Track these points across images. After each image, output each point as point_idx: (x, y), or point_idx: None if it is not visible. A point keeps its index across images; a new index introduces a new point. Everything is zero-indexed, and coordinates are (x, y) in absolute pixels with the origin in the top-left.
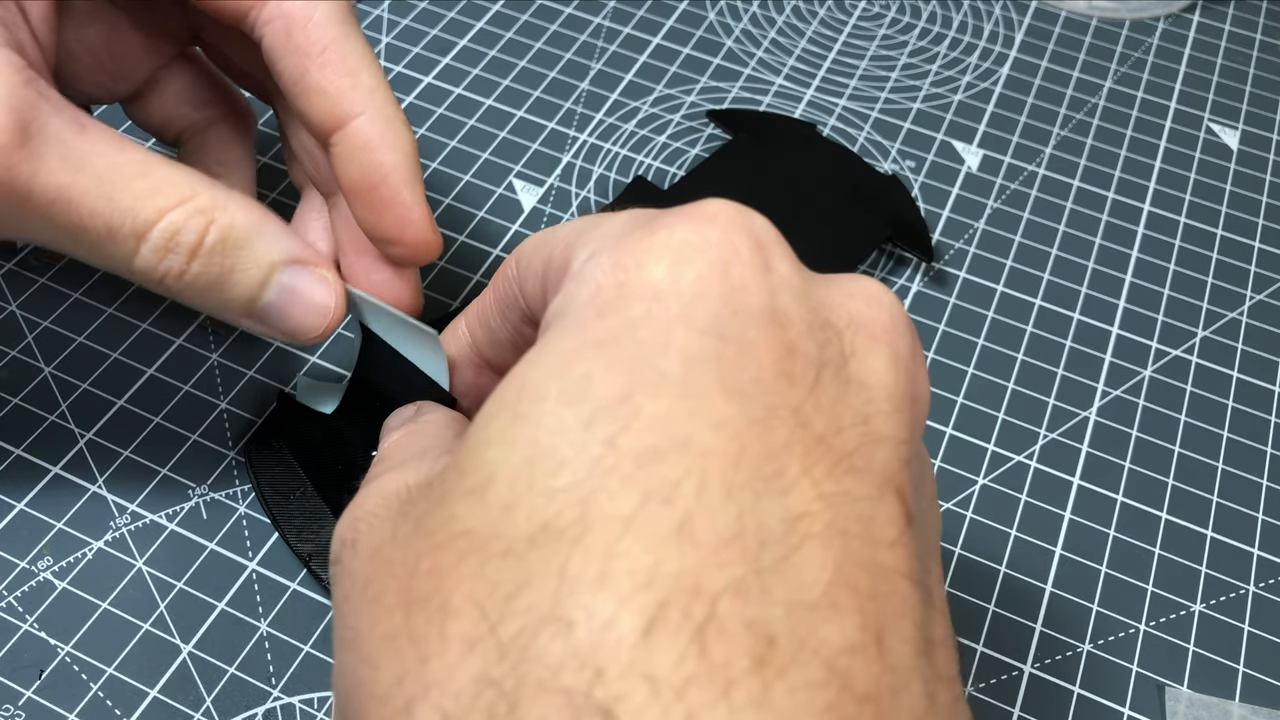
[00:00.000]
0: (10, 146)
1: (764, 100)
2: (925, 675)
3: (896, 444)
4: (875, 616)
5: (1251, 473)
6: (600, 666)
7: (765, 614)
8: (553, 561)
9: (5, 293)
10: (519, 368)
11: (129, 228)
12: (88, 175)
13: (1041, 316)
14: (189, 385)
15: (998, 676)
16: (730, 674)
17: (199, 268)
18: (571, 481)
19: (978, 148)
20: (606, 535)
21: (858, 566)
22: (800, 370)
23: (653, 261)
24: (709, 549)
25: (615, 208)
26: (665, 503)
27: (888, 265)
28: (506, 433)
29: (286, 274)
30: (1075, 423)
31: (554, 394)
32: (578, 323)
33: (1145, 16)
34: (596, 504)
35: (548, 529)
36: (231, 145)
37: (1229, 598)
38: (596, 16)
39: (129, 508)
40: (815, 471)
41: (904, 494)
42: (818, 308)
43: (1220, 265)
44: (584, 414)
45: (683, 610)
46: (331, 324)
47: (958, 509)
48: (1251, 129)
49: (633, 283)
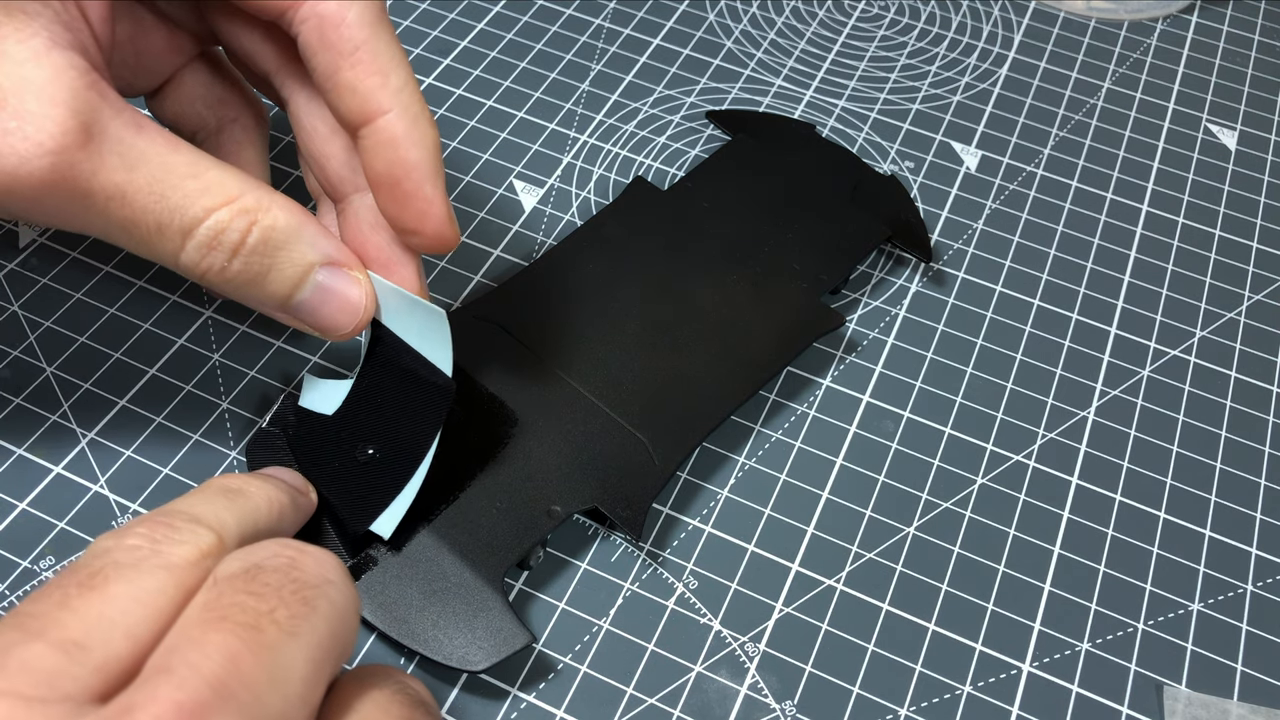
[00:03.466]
0: (73, 146)
1: (763, 101)
2: None
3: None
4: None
5: (1249, 472)
6: None
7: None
8: None
9: (7, 293)
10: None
11: (177, 225)
12: (142, 174)
13: (1040, 316)
14: (190, 385)
15: (996, 675)
16: None
17: (240, 265)
18: None
19: (976, 148)
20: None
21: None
22: None
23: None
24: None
25: (615, 208)
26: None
27: (887, 265)
28: None
29: (322, 274)
30: (1074, 422)
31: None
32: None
33: (1143, 17)
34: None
35: None
36: (246, 146)
37: (1227, 597)
38: (596, 18)
39: (131, 507)
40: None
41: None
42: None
43: (1218, 265)
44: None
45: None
46: (362, 322)
47: (957, 509)
48: (1249, 129)
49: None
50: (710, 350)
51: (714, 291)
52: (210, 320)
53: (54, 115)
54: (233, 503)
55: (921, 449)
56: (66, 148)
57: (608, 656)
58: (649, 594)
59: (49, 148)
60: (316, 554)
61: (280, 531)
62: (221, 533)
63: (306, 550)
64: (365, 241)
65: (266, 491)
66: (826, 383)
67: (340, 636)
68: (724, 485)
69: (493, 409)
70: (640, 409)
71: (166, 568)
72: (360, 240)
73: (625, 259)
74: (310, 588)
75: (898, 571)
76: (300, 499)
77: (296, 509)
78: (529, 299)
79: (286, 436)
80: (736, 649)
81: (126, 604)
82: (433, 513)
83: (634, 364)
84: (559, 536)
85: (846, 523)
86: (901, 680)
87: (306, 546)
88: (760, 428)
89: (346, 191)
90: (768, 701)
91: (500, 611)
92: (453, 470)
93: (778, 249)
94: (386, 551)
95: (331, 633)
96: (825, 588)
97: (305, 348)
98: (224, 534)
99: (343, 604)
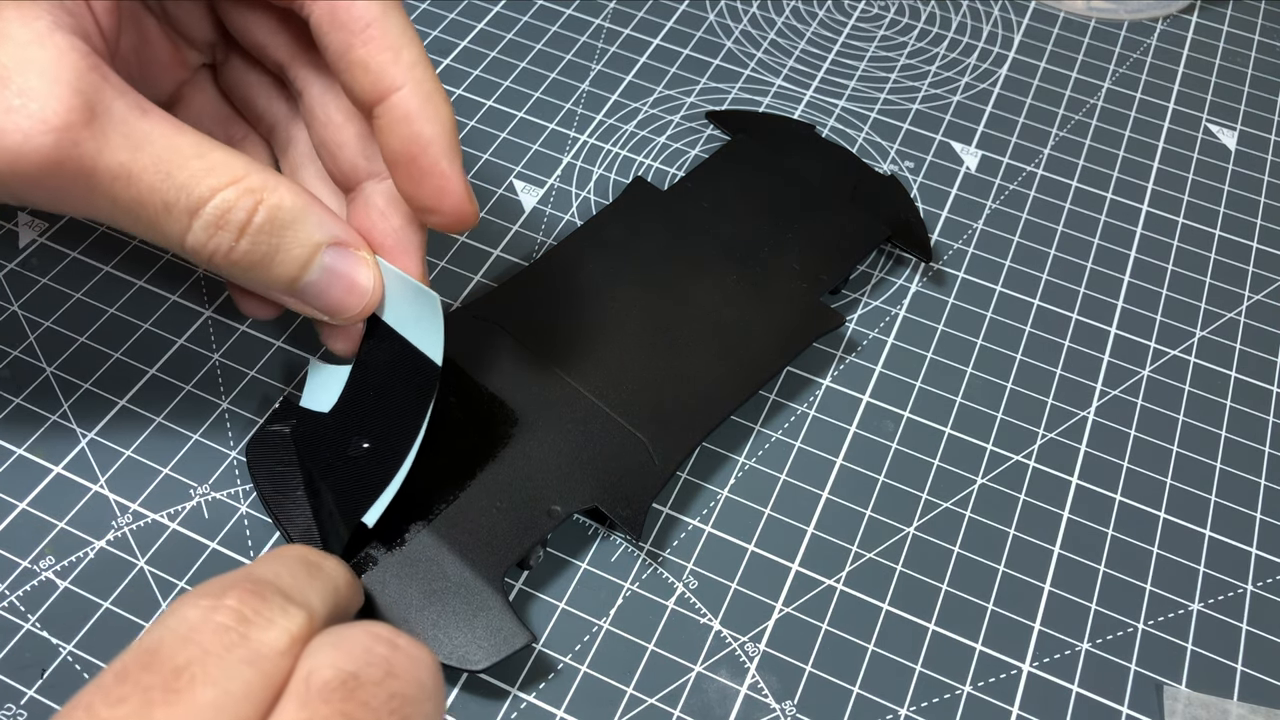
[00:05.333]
0: (78, 124)
1: (763, 101)
2: None
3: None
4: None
5: (1249, 472)
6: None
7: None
8: None
9: (7, 293)
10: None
11: (183, 204)
12: (147, 154)
13: (1040, 316)
14: (190, 385)
15: (996, 675)
16: None
17: (247, 245)
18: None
19: (976, 148)
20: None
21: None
22: None
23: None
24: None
25: (615, 208)
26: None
27: (887, 265)
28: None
29: (329, 255)
30: (1074, 422)
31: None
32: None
33: (1143, 17)
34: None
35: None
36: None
37: (1227, 597)
38: (596, 18)
39: (130, 507)
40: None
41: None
42: None
43: (1218, 265)
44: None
45: None
46: (369, 305)
47: (956, 508)
48: (1249, 129)
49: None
50: (710, 350)
51: (714, 291)
52: (210, 320)
53: (57, 93)
54: (314, 579)
55: (921, 449)
56: (71, 125)
57: (608, 656)
58: (649, 594)
59: (53, 124)
60: (410, 652)
61: (351, 611)
62: (311, 615)
63: (399, 647)
64: (373, 227)
65: (342, 572)
66: (826, 383)
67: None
68: (724, 485)
69: (493, 409)
70: (640, 409)
71: (254, 661)
72: (368, 226)
73: (625, 259)
74: (409, 705)
75: (898, 571)
76: (354, 594)
77: (355, 591)
78: (529, 299)
79: (286, 437)
80: (736, 649)
81: (212, 715)
82: (432, 513)
83: (634, 364)
84: (559, 536)
85: (846, 523)
86: (901, 680)
87: (399, 640)
88: (760, 428)
89: (359, 179)
90: (768, 701)
91: (500, 611)
92: (453, 470)
93: (778, 249)
94: (386, 551)
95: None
96: (825, 588)
97: (305, 348)
98: (313, 617)
99: (436, 716)
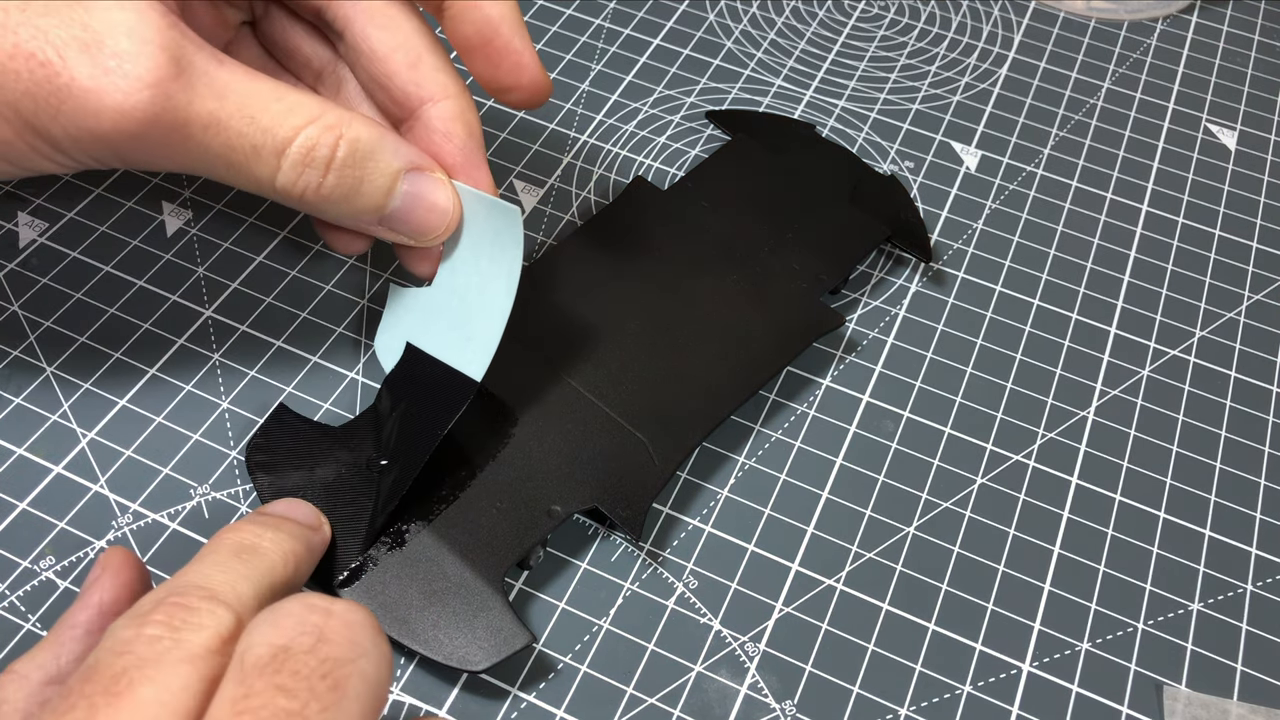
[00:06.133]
0: (168, 79)
1: (763, 101)
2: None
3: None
4: None
5: (1249, 472)
6: None
7: None
8: None
9: (7, 293)
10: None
11: (270, 145)
12: (232, 100)
13: (1040, 316)
14: (190, 385)
15: (996, 675)
16: None
17: (334, 180)
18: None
19: (976, 148)
20: None
21: None
22: None
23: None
24: None
25: (615, 208)
26: None
27: (887, 265)
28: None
29: (408, 180)
30: (1073, 422)
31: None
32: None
33: (1143, 17)
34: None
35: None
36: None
37: (1227, 597)
38: (596, 18)
39: (131, 507)
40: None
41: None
42: None
43: (1218, 265)
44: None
45: None
46: (451, 222)
47: (956, 508)
48: (1249, 129)
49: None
50: (710, 350)
51: (714, 291)
52: (210, 320)
53: (147, 51)
54: (247, 565)
55: (921, 449)
56: (162, 80)
57: (608, 656)
58: (649, 594)
59: (148, 80)
60: (344, 615)
61: (298, 583)
62: (240, 610)
63: (333, 612)
64: (439, 149)
65: (280, 546)
66: (826, 383)
67: (375, 702)
68: (724, 485)
69: (492, 409)
70: (640, 409)
71: (189, 660)
72: (433, 149)
73: (625, 259)
74: (342, 666)
75: (898, 571)
76: (314, 538)
77: (311, 552)
78: (529, 299)
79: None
80: (736, 649)
81: (155, 710)
82: (433, 513)
83: (634, 364)
84: (559, 536)
85: (846, 523)
86: (901, 680)
87: (333, 605)
88: (760, 428)
89: (413, 106)
90: (768, 701)
91: (500, 611)
92: (453, 470)
93: (778, 249)
94: (387, 551)
95: (363, 710)
96: (825, 587)
97: (305, 348)
98: (242, 611)
99: (375, 674)
